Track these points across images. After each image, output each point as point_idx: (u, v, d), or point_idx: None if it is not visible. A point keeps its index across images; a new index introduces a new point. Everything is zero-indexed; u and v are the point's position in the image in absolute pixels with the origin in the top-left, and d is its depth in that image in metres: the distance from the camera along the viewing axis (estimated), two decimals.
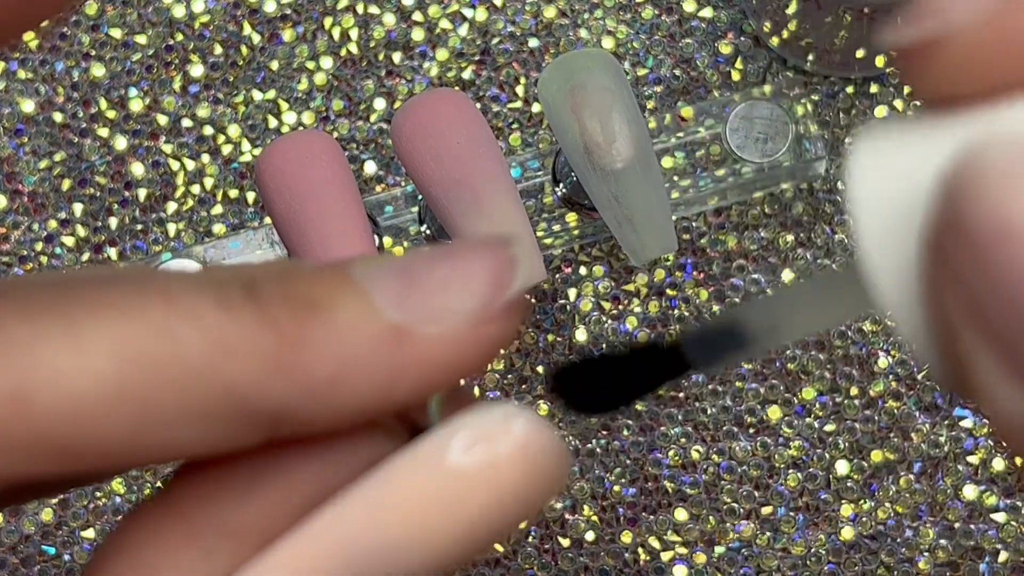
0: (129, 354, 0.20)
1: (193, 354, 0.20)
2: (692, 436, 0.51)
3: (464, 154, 0.44)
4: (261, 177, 0.45)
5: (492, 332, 0.21)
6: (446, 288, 0.21)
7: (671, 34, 0.54)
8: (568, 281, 0.52)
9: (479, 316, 0.21)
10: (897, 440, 0.51)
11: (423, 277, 0.21)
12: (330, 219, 0.44)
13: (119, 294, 0.20)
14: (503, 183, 0.44)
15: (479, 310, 0.21)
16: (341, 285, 0.21)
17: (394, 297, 0.21)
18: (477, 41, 0.54)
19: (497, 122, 0.53)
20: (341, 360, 0.20)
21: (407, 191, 0.51)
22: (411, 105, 0.45)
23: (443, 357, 0.21)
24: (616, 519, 0.51)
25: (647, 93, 0.53)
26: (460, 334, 0.21)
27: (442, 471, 0.21)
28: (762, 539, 0.51)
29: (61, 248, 0.53)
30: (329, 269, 0.21)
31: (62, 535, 0.51)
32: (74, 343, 0.19)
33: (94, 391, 0.19)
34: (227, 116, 0.54)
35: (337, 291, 0.21)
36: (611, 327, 0.52)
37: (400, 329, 0.21)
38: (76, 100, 0.54)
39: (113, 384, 0.19)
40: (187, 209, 0.53)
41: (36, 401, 0.19)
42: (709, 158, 0.51)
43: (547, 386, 0.22)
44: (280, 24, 0.54)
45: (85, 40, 0.54)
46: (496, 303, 0.21)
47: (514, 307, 0.22)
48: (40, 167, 0.53)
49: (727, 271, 0.52)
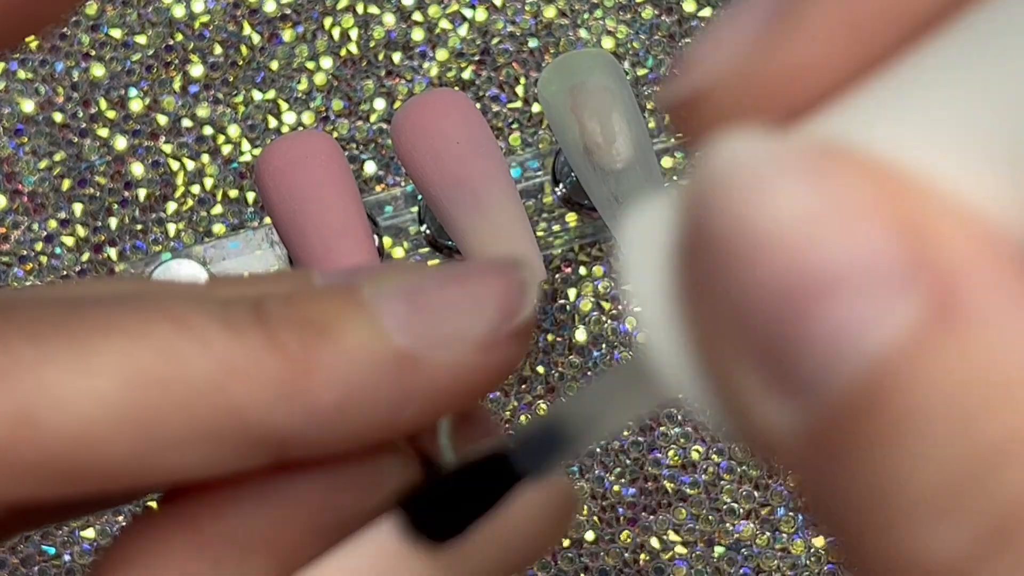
0: (135, 377, 0.19)
1: (200, 377, 0.20)
2: (692, 436, 0.51)
3: (464, 154, 0.44)
4: (261, 177, 0.45)
5: (500, 357, 0.21)
6: (455, 313, 0.21)
7: (671, 34, 0.54)
8: (568, 281, 0.52)
9: (487, 342, 0.21)
10: None
11: (432, 300, 0.21)
12: (330, 219, 0.44)
13: (126, 315, 0.20)
14: (503, 183, 0.44)
15: (487, 336, 0.21)
16: (350, 307, 0.21)
17: (403, 321, 0.21)
18: (477, 41, 0.54)
19: (497, 122, 0.53)
20: (348, 385, 0.20)
21: (407, 191, 0.51)
22: (411, 105, 0.45)
23: (450, 382, 0.21)
24: (616, 519, 0.51)
25: (647, 93, 0.53)
26: (468, 359, 0.21)
27: None
28: (762, 539, 0.51)
29: (61, 248, 0.53)
30: (338, 290, 0.21)
31: (62, 535, 0.51)
32: (80, 366, 0.19)
33: (100, 414, 0.19)
34: (227, 116, 0.54)
35: (346, 314, 0.21)
36: (611, 327, 0.52)
37: (408, 354, 0.21)
38: (76, 100, 0.54)
39: (119, 407, 0.19)
40: (187, 209, 0.53)
41: (42, 424, 0.19)
42: None
43: (401, 520, 0.22)
44: (280, 24, 0.54)
45: (85, 40, 0.54)
46: (505, 329, 0.21)
47: (522, 332, 0.21)
48: (40, 167, 0.53)
49: None
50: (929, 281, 0.15)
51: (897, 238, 0.15)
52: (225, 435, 0.20)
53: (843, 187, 0.16)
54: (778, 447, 0.16)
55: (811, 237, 0.15)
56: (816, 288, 0.15)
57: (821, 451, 0.16)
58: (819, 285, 0.15)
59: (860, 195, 0.16)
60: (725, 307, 0.16)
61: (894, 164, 0.16)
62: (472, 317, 0.21)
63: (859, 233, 0.15)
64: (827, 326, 0.15)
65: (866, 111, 0.17)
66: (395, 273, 0.21)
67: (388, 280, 0.21)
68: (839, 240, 0.15)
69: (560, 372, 0.52)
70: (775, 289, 0.16)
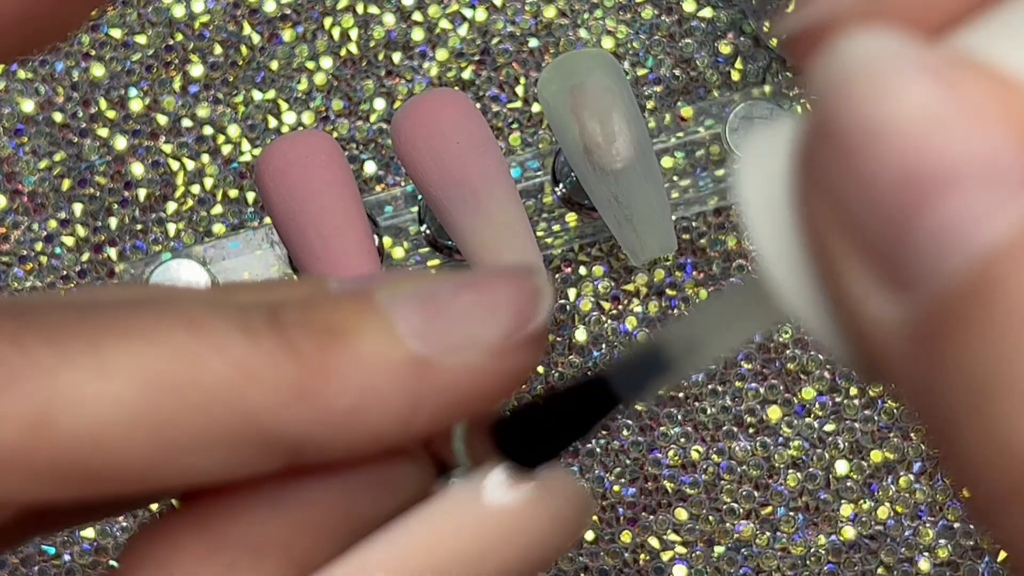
0: (152, 380, 0.20)
1: (216, 381, 0.20)
2: (692, 436, 0.51)
3: (464, 154, 0.44)
4: (261, 177, 0.45)
5: (514, 363, 0.21)
6: (469, 319, 0.21)
7: (671, 34, 0.54)
8: (568, 281, 0.52)
9: (501, 348, 0.21)
10: (897, 440, 0.51)
11: (447, 306, 0.21)
12: (330, 219, 0.44)
13: (143, 319, 0.20)
14: (503, 183, 0.44)
15: (501, 342, 0.21)
16: (365, 313, 0.21)
17: (417, 327, 0.21)
18: (477, 41, 0.54)
19: (497, 122, 0.53)
20: (362, 390, 0.20)
21: (407, 191, 0.51)
22: (411, 105, 0.45)
23: (464, 388, 0.21)
24: (616, 519, 0.51)
25: (647, 93, 0.53)
26: (482, 365, 0.21)
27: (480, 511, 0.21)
28: (762, 539, 0.51)
29: (61, 248, 0.53)
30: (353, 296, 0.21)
31: (62, 535, 0.51)
32: (98, 368, 0.19)
33: (117, 417, 0.19)
34: (227, 116, 0.54)
35: (361, 319, 0.21)
36: (611, 327, 0.52)
37: (422, 360, 0.21)
38: (76, 100, 0.54)
39: (136, 410, 0.20)
40: (187, 209, 0.53)
41: (59, 425, 0.19)
42: (709, 158, 0.51)
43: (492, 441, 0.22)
44: (280, 24, 0.54)
45: (85, 40, 0.54)
46: (519, 335, 0.21)
47: (537, 338, 0.21)
48: (40, 167, 0.53)
49: (727, 271, 0.52)
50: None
51: (1018, 142, 0.16)
52: (241, 439, 0.20)
53: (968, 90, 0.16)
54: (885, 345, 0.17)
55: (934, 133, 0.16)
56: (935, 180, 0.16)
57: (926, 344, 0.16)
58: (938, 178, 0.16)
59: (984, 100, 0.16)
60: (841, 202, 0.17)
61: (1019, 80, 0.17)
62: (486, 323, 0.21)
63: (981, 133, 0.16)
64: (941, 218, 0.16)
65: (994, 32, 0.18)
66: (409, 280, 0.22)
67: (402, 286, 0.21)
68: (961, 137, 0.16)
69: (560, 372, 0.52)
70: (893, 180, 0.16)
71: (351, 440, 0.21)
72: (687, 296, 0.52)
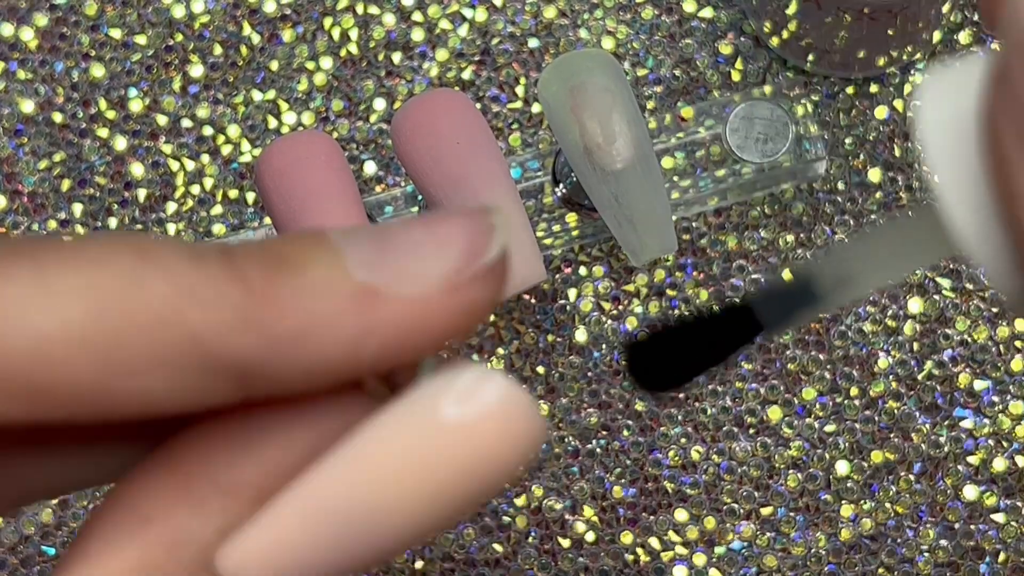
0: (97, 299, 0.20)
1: (160, 302, 0.20)
2: (692, 436, 0.51)
3: (464, 154, 0.44)
4: (261, 177, 0.45)
5: (466, 299, 0.21)
6: (419, 251, 0.21)
7: (671, 34, 0.54)
8: (568, 281, 0.52)
9: (452, 281, 0.21)
10: (897, 440, 0.51)
11: (397, 240, 0.21)
12: (330, 219, 0.44)
13: (90, 245, 0.20)
14: (503, 183, 0.44)
15: (452, 275, 0.21)
16: (314, 246, 0.21)
17: (366, 258, 0.21)
18: (477, 41, 0.54)
19: (497, 122, 0.53)
20: (307, 315, 0.21)
21: (407, 191, 0.51)
22: (411, 105, 0.45)
23: (413, 320, 0.21)
24: (616, 519, 0.51)
25: (647, 93, 0.53)
26: (431, 298, 0.21)
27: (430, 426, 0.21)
28: (762, 539, 0.51)
29: None
30: (307, 233, 0.22)
31: (62, 536, 0.51)
32: (42, 286, 0.20)
33: (61, 333, 0.20)
34: (227, 116, 0.54)
35: (310, 251, 0.21)
36: (611, 327, 0.52)
37: (369, 289, 0.21)
38: (76, 100, 0.54)
39: (80, 327, 0.20)
40: (187, 209, 0.53)
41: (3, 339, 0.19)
42: (709, 158, 0.51)
43: (626, 364, 0.22)
44: (280, 24, 0.54)
45: (85, 40, 0.54)
46: (470, 269, 0.21)
47: (491, 276, 0.22)
48: (40, 167, 0.53)
49: (727, 271, 0.52)
50: None
51: None
52: (185, 361, 0.20)
53: None
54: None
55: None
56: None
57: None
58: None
59: None
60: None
61: None
62: (436, 256, 0.21)
63: None
64: None
65: None
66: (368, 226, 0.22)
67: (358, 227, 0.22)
68: None
69: (560, 372, 0.52)
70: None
71: (299, 367, 0.21)
72: (687, 296, 0.52)
